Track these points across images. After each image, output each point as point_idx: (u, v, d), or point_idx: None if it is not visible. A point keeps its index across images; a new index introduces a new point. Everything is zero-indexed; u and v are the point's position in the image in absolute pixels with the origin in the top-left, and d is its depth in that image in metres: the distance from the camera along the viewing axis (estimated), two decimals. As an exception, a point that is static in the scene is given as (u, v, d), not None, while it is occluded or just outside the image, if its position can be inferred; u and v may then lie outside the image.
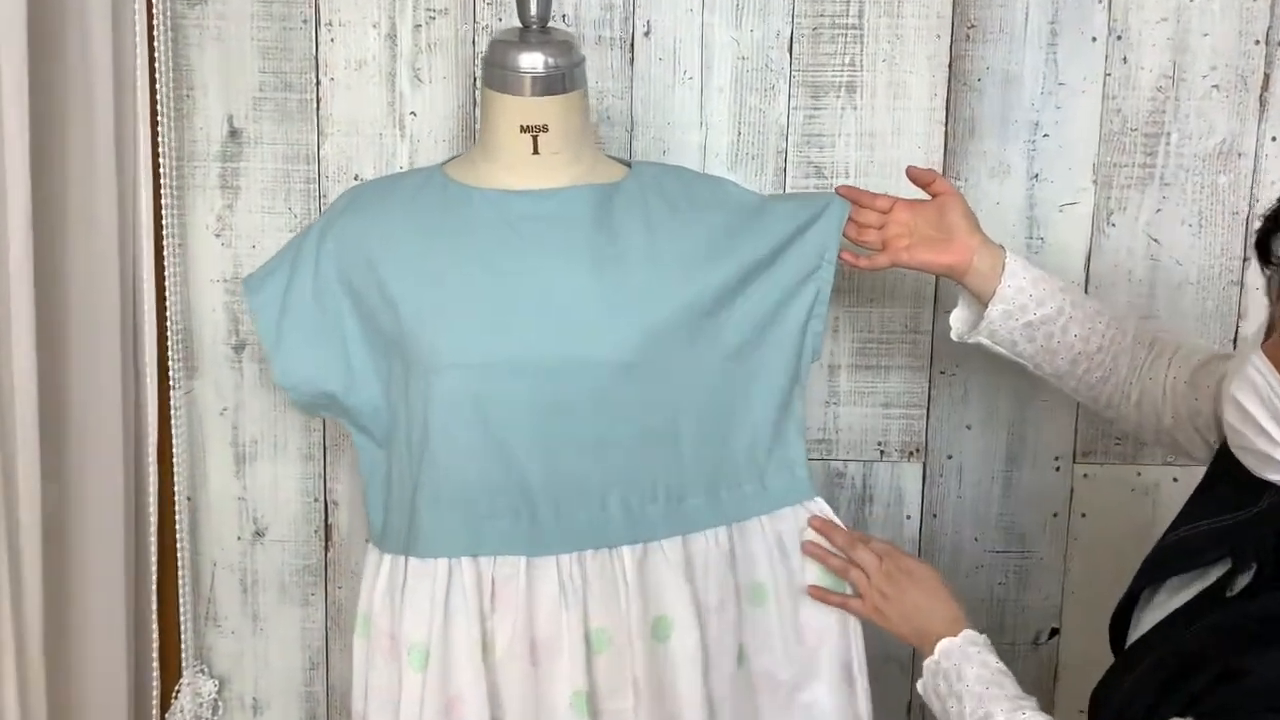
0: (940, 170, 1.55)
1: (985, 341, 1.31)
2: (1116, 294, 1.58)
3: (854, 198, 1.35)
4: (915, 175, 1.34)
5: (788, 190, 1.55)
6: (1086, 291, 1.58)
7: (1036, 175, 1.55)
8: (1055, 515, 1.64)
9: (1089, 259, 1.57)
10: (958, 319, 1.35)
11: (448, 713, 1.26)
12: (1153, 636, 1.06)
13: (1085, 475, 1.63)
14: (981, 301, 1.30)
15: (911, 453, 1.62)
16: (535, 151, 1.24)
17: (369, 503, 1.33)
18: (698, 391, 1.29)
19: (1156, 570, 1.10)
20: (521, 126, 1.24)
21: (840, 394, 1.61)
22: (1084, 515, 1.64)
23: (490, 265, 1.23)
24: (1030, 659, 1.67)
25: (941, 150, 1.55)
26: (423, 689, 1.25)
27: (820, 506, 1.36)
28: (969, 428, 1.62)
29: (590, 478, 1.26)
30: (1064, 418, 1.61)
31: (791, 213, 1.33)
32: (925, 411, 1.61)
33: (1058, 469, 1.62)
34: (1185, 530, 1.09)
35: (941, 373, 1.60)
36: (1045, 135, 1.54)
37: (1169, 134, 1.54)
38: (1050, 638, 1.67)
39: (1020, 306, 1.27)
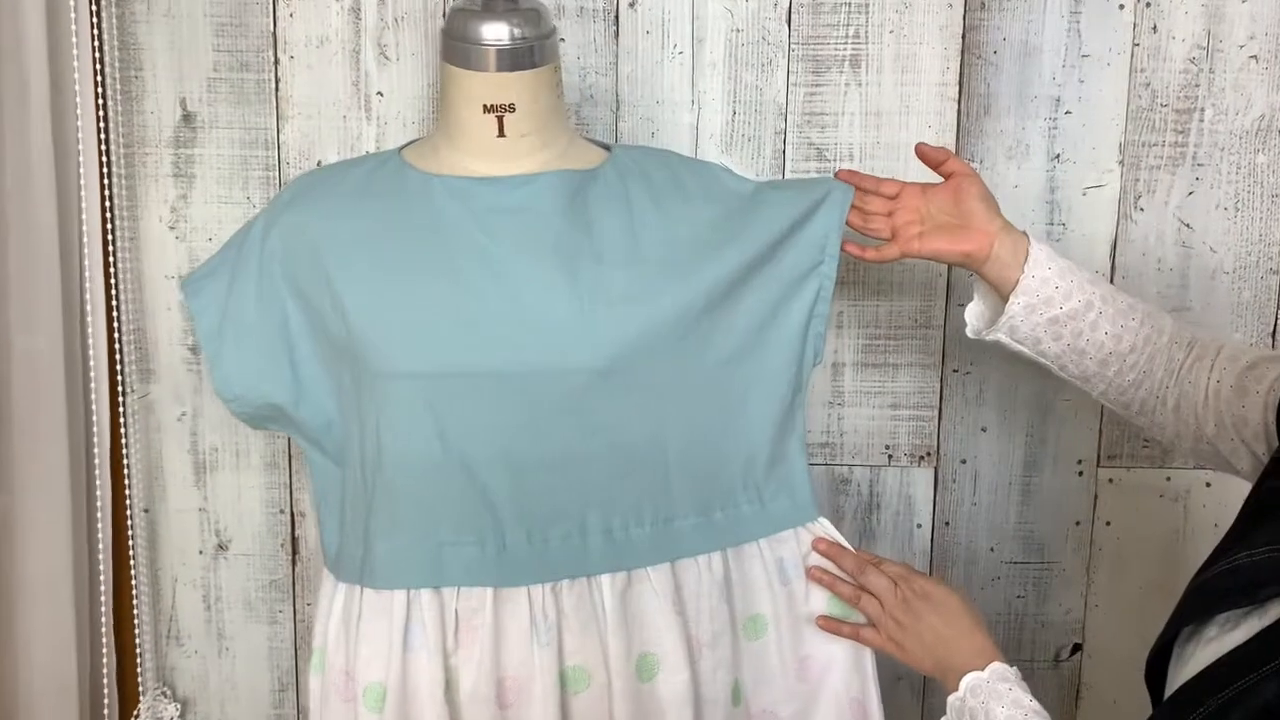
0: (953, 152, 1.40)
1: (1005, 339, 1.16)
2: (1145, 284, 1.44)
3: (857, 183, 1.20)
4: (926, 154, 1.20)
5: (787, 175, 1.41)
6: (1113, 283, 1.43)
7: (1058, 156, 1.41)
8: (1078, 523, 1.49)
9: (1115, 246, 1.43)
10: (974, 314, 1.21)
11: None
12: (1205, 683, 0.91)
13: (1110, 480, 1.48)
14: (1001, 294, 1.15)
15: (922, 457, 1.48)
16: (501, 134, 1.09)
17: (323, 525, 1.19)
18: (687, 401, 1.15)
19: (1205, 605, 0.94)
20: (485, 106, 1.09)
21: (844, 394, 1.46)
22: (1109, 523, 1.50)
23: (450, 262, 1.08)
24: (1050, 678, 1.53)
25: (954, 129, 1.40)
26: (380, 732, 1.11)
27: (825, 528, 1.21)
28: (984, 430, 1.47)
29: (565, 499, 1.12)
30: (1088, 419, 1.47)
31: (789, 201, 1.18)
32: (937, 413, 1.47)
33: (1080, 474, 1.48)
34: (1241, 557, 0.94)
35: (954, 371, 1.46)
36: (1067, 112, 1.40)
37: (1203, 109, 1.40)
38: (1072, 655, 1.53)
39: (1045, 300, 1.13)
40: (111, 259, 1.41)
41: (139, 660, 1.49)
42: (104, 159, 1.38)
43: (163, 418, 1.48)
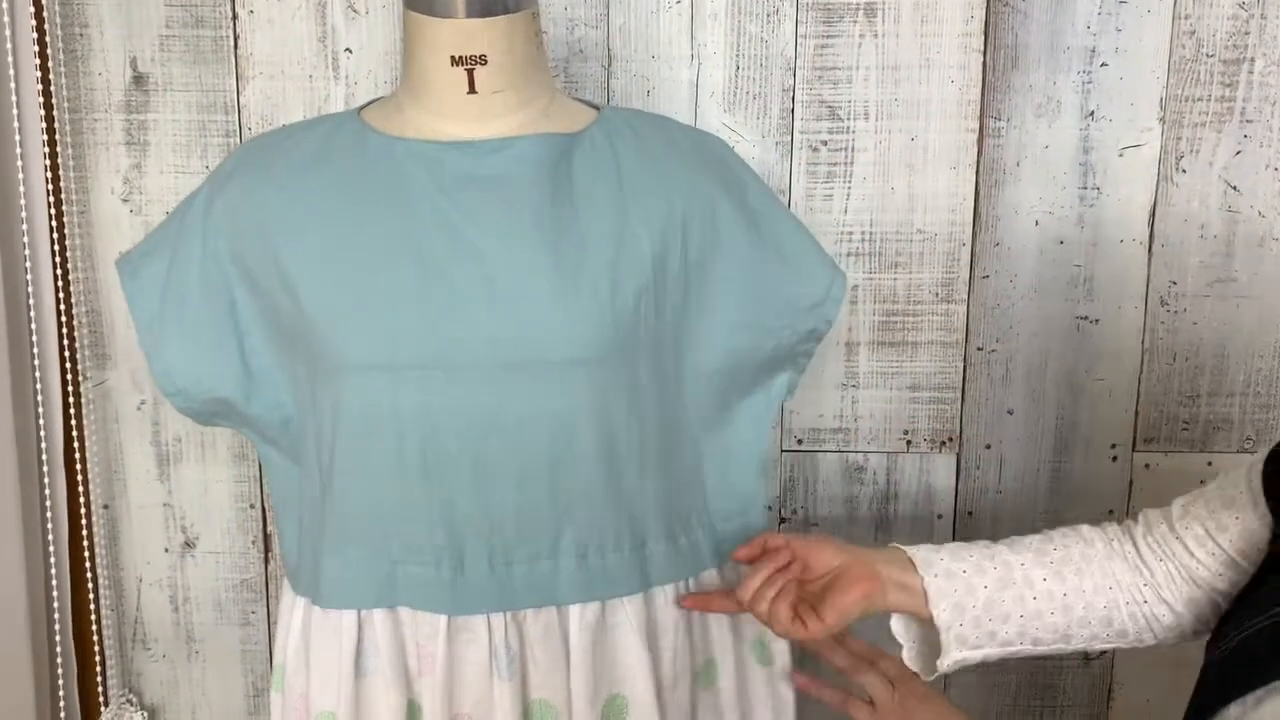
0: (978, 109, 1.25)
1: (963, 654, 0.94)
2: (1187, 253, 1.28)
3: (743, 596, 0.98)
4: (741, 558, 0.99)
5: (797, 136, 1.25)
6: (1151, 252, 1.28)
7: (1092, 113, 1.25)
8: (1111, 512, 1.35)
9: (1154, 212, 1.28)
10: (913, 658, 0.99)
11: None
12: None
13: (1147, 466, 1.34)
14: (917, 616, 0.95)
15: (943, 442, 1.33)
16: (472, 90, 0.93)
17: (281, 531, 1.04)
18: (669, 402, 0.99)
19: (1256, 671, 0.79)
20: (453, 58, 0.92)
21: (859, 375, 1.32)
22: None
23: (415, 239, 0.92)
24: (1080, 677, 1.39)
25: (979, 84, 1.25)
26: (335, 766, 0.96)
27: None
28: (1011, 412, 1.33)
29: (538, 516, 0.95)
30: (1122, 399, 1.32)
31: (793, 283, 1.04)
32: (960, 394, 1.32)
33: (1114, 458, 1.33)
34: (1266, 621, 0.79)
35: (979, 349, 1.31)
36: (1103, 64, 1.24)
37: (1252, 60, 1.24)
38: (1103, 653, 1.39)
39: (966, 589, 0.93)
40: (59, 235, 1.26)
41: (101, 666, 1.36)
42: (48, 126, 1.24)
43: (121, 406, 1.34)
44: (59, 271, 1.26)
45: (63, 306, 1.27)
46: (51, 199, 1.25)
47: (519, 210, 0.92)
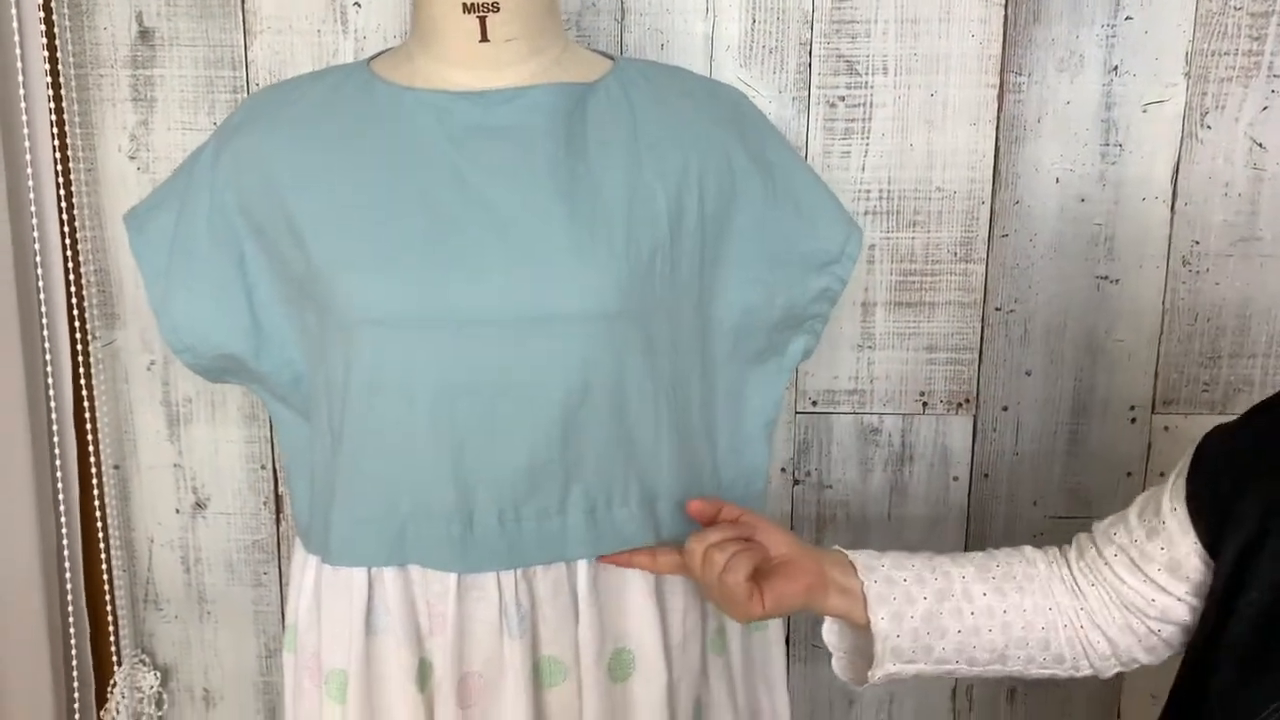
0: (999, 64, 1.22)
1: (896, 667, 0.90)
2: (1210, 211, 1.25)
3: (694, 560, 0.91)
4: (695, 511, 0.93)
5: (814, 91, 1.22)
6: (1174, 210, 1.25)
7: (1115, 68, 1.22)
8: (1129, 475, 1.32)
9: (1177, 170, 1.24)
10: (843, 668, 0.95)
11: None
12: None
13: (1166, 428, 1.31)
14: (851, 621, 0.91)
15: (960, 404, 1.31)
16: (484, 38, 0.90)
17: (292, 489, 1.02)
18: (690, 364, 0.96)
19: None
20: (465, 5, 0.89)
21: (875, 336, 1.29)
22: (1163, 475, 1.32)
23: (426, 191, 0.89)
24: (1097, 640, 1.37)
25: (1000, 38, 1.21)
26: (343, 727, 0.94)
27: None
28: (1028, 373, 1.30)
29: (549, 472, 0.92)
30: (1142, 361, 1.29)
31: (809, 238, 1.00)
32: (977, 355, 1.29)
33: (1133, 420, 1.31)
34: None
35: (997, 309, 1.28)
36: (1127, 18, 1.20)
37: (1281, 13, 1.20)
38: (1120, 615, 1.36)
39: (906, 598, 0.89)
40: (66, 194, 1.24)
41: (114, 627, 1.35)
42: (54, 82, 1.21)
43: (130, 366, 1.32)
44: (66, 230, 1.24)
45: (71, 265, 1.25)
46: (58, 156, 1.22)
47: (531, 160, 0.89)
